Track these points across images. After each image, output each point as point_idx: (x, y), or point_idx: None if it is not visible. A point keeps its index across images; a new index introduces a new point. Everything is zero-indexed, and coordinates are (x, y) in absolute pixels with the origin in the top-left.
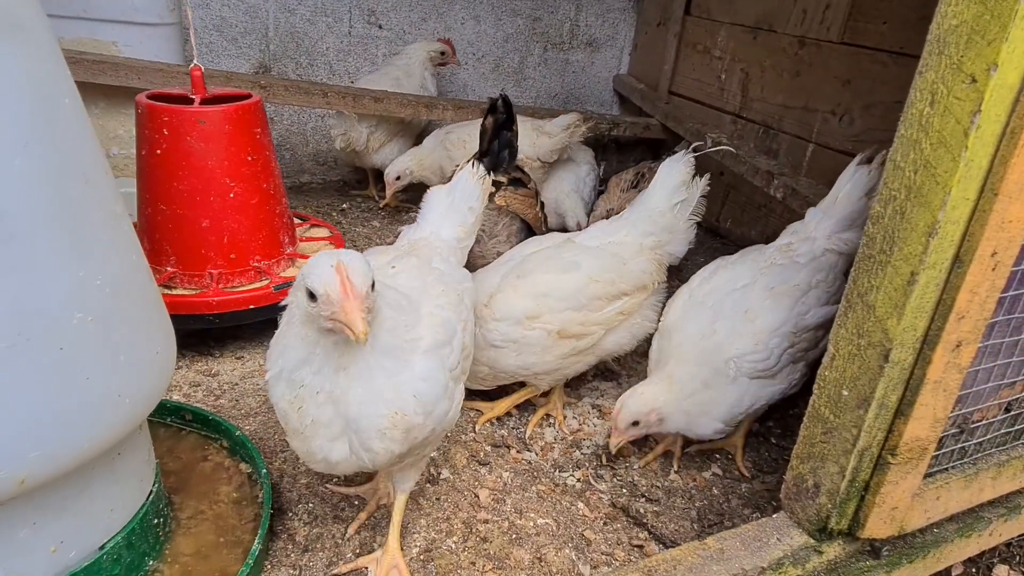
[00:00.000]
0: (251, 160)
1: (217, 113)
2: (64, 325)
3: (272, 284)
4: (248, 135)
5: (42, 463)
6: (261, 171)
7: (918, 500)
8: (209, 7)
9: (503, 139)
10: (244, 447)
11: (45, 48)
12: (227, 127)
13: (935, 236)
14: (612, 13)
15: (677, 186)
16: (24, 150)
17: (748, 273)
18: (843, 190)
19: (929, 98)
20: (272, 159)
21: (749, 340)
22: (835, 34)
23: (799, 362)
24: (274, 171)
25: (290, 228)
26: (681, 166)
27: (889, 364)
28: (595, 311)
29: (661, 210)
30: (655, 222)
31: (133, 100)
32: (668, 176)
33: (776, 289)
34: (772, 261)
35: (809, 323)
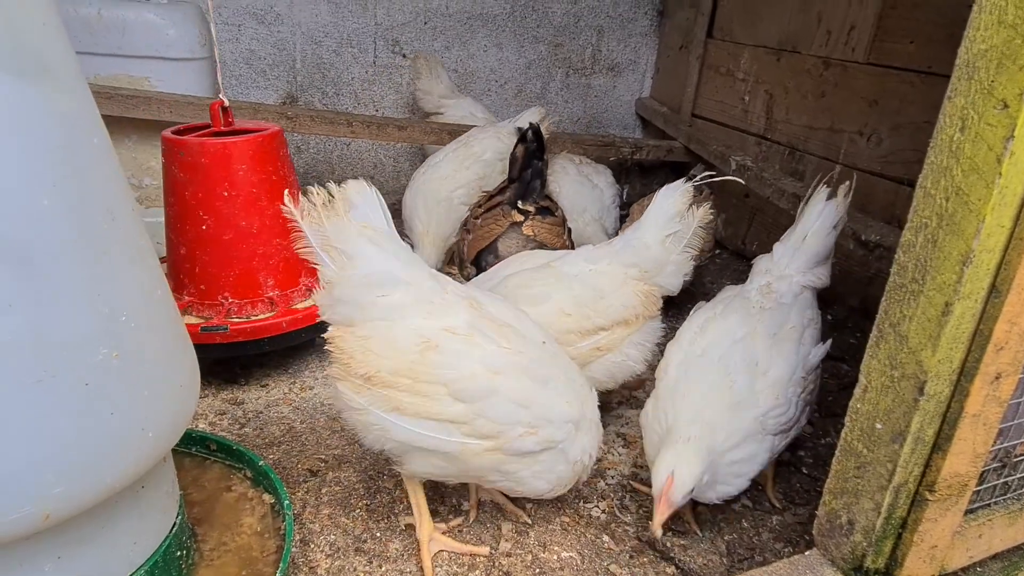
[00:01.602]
0: (227, 195)
1: (194, 145)
2: (90, 360)
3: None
4: (227, 170)
5: (67, 498)
6: (241, 208)
7: (959, 538)
8: (239, 41)
9: (534, 168)
10: (267, 477)
11: (73, 89)
12: (204, 160)
13: (970, 265)
14: (634, 38)
15: (671, 217)
16: (52, 189)
17: (742, 322)
18: (812, 227)
19: (959, 124)
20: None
21: (770, 395)
22: (860, 54)
23: (808, 405)
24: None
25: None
26: (678, 196)
27: (924, 397)
28: (567, 345)
29: (648, 242)
30: (639, 254)
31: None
32: (663, 206)
33: (778, 335)
34: (761, 306)
35: (812, 363)
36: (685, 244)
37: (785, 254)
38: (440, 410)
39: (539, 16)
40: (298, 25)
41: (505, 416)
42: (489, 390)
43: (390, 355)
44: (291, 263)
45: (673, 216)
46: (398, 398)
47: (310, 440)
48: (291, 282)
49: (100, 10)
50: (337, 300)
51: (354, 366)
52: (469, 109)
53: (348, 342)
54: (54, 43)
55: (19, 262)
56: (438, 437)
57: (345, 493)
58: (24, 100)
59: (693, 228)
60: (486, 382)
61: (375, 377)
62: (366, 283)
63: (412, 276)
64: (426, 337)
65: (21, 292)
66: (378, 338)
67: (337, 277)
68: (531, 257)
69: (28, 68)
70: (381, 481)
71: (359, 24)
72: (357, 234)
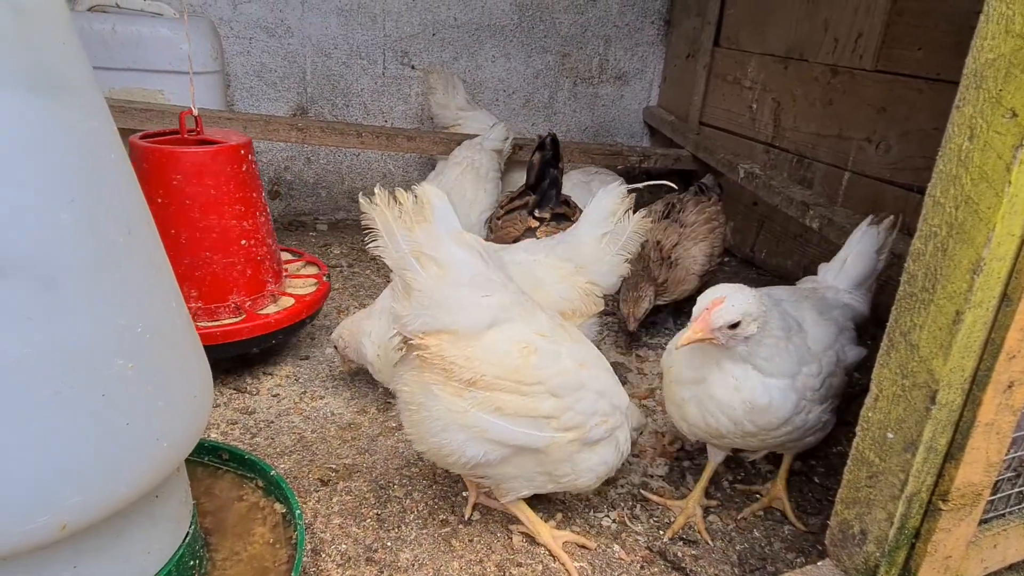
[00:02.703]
0: (159, 203)
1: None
2: (106, 372)
3: None
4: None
5: (83, 508)
6: (172, 215)
7: (974, 548)
8: (250, 54)
9: (550, 176)
10: (279, 487)
11: (91, 105)
12: (144, 165)
13: (980, 273)
14: (641, 47)
15: (605, 216)
16: (70, 205)
17: (791, 292)
18: (853, 251)
19: (968, 132)
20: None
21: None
22: (868, 62)
23: (828, 400)
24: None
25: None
26: (613, 196)
27: (936, 406)
28: None
29: (582, 238)
30: (573, 249)
31: None
32: (598, 205)
33: (824, 314)
34: (807, 294)
35: (848, 360)
36: (620, 246)
37: (829, 273)
38: (536, 406)
39: (546, 26)
40: (308, 38)
41: (589, 406)
42: (579, 383)
43: (494, 360)
44: (218, 278)
45: (607, 216)
46: (501, 399)
47: (321, 450)
48: (219, 297)
49: (115, 26)
50: (434, 305)
51: (457, 372)
52: (486, 121)
53: (448, 349)
54: (72, 61)
55: (37, 276)
56: (532, 433)
57: (356, 502)
58: (43, 117)
59: (628, 232)
60: (576, 376)
61: (480, 381)
62: (471, 284)
63: (500, 277)
64: (525, 342)
65: (39, 306)
66: (481, 344)
67: (433, 283)
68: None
69: (47, 86)
70: (391, 491)
71: (368, 36)
72: (449, 239)
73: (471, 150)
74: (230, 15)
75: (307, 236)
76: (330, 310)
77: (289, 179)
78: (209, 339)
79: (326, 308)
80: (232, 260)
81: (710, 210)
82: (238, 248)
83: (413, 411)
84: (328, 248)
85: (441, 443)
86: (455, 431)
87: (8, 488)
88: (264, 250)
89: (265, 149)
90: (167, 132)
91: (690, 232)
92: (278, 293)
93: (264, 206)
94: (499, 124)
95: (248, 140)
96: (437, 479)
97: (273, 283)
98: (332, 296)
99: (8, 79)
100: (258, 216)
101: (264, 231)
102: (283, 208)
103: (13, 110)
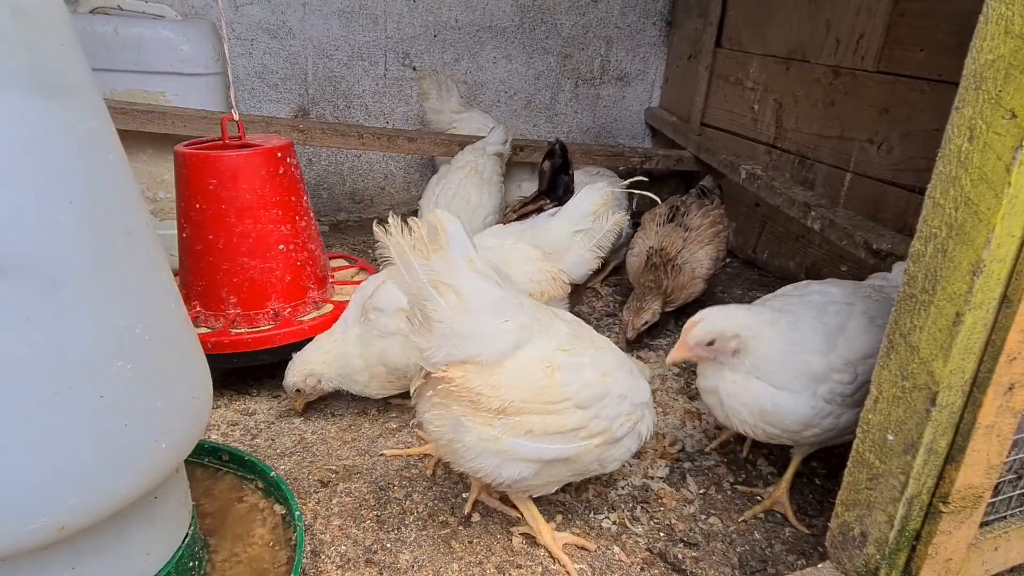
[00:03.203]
0: (199, 208)
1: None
2: (105, 373)
3: None
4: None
5: (82, 509)
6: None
7: (975, 551)
8: (252, 55)
9: (563, 184)
10: (278, 488)
11: (91, 107)
12: (183, 171)
13: (980, 275)
14: (642, 48)
15: (586, 215)
16: (70, 206)
17: (845, 293)
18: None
19: (968, 133)
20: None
21: (840, 358)
22: (870, 63)
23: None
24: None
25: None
26: (597, 197)
27: (936, 408)
28: None
29: (551, 227)
30: (541, 235)
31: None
32: (581, 204)
33: (875, 320)
34: (867, 295)
35: None
36: (595, 243)
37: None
38: (565, 422)
39: (548, 28)
40: (310, 39)
41: (613, 411)
42: (604, 392)
43: (520, 384)
44: (256, 284)
45: (588, 215)
46: (531, 422)
47: (321, 451)
48: (257, 304)
49: (117, 28)
50: (455, 335)
51: (485, 402)
52: (482, 121)
53: (474, 380)
54: (72, 63)
55: (37, 278)
56: (563, 447)
57: (355, 504)
58: (43, 119)
59: (605, 231)
60: (600, 386)
61: (509, 408)
62: (491, 311)
63: (515, 297)
64: (547, 360)
65: (39, 307)
66: (505, 370)
67: (453, 312)
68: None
69: (47, 87)
70: (391, 492)
71: (370, 38)
72: (466, 267)
73: (474, 154)
74: (232, 17)
75: None
76: None
77: None
78: (239, 346)
79: None
80: (270, 265)
81: (714, 213)
82: (276, 253)
83: (444, 443)
84: (329, 249)
85: (477, 468)
86: (488, 456)
87: (7, 489)
88: (305, 255)
89: None
90: (214, 140)
91: (695, 236)
92: (321, 300)
93: (306, 210)
94: (498, 127)
95: (287, 143)
96: (437, 481)
97: (316, 289)
98: None
99: (8, 80)
100: (297, 220)
101: (305, 236)
102: None
103: (13, 111)
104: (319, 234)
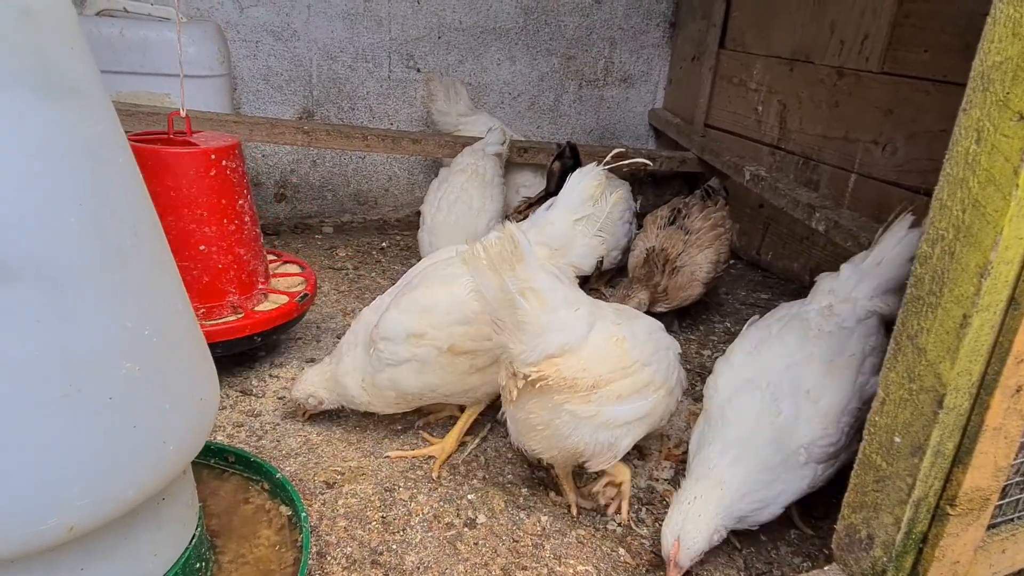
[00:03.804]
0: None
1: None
2: (113, 374)
3: None
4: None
5: (90, 510)
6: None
7: (982, 553)
8: (256, 57)
9: None
10: (284, 489)
11: (99, 107)
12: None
13: (987, 277)
14: (646, 49)
15: (583, 201)
16: (79, 208)
17: (798, 346)
18: (889, 253)
19: (975, 135)
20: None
21: (818, 424)
22: (875, 64)
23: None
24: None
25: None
26: (589, 179)
27: (944, 410)
28: (485, 325)
29: (552, 221)
30: (544, 231)
31: None
32: (574, 189)
33: (835, 362)
34: (820, 329)
35: (871, 393)
36: (599, 228)
37: (853, 276)
38: (640, 379)
39: (552, 29)
40: (314, 41)
41: (666, 361)
42: (656, 346)
43: (603, 359)
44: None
45: (585, 199)
46: (619, 388)
47: (326, 452)
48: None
49: (122, 30)
50: (544, 332)
51: (580, 384)
52: (487, 124)
53: (565, 368)
54: (80, 65)
55: (46, 280)
56: (643, 403)
57: (361, 505)
58: (52, 121)
59: (605, 214)
60: (653, 343)
61: (599, 382)
62: (565, 304)
63: (575, 289)
64: (613, 334)
65: (48, 309)
66: (588, 351)
67: (537, 313)
68: (451, 249)
69: (55, 89)
70: (397, 493)
71: (374, 39)
72: (541, 269)
73: (474, 156)
74: (237, 19)
75: (313, 239)
76: (335, 312)
77: (295, 182)
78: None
79: (331, 310)
80: (187, 265)
81: (716, 216)
82: (195, 253)
83: (542, 430)
84: (334, 251)
85: (574, 445)
86: (586, 431)
87: (17, 490)
88: (229, 259)
89: (271, 152)
90: (160, 133)
91: (695, 239)
92: (240, 305)
93: (239, 214)
94: (495, 128)
95: (227, 146)
96: (442, 482)
97: (236, 294)
98: (337, 299)
99: (15, 81)
100: (226, 223)
101: (232, 239)
102: (289, 211)
103: (21, 112)
104: (254, 238)
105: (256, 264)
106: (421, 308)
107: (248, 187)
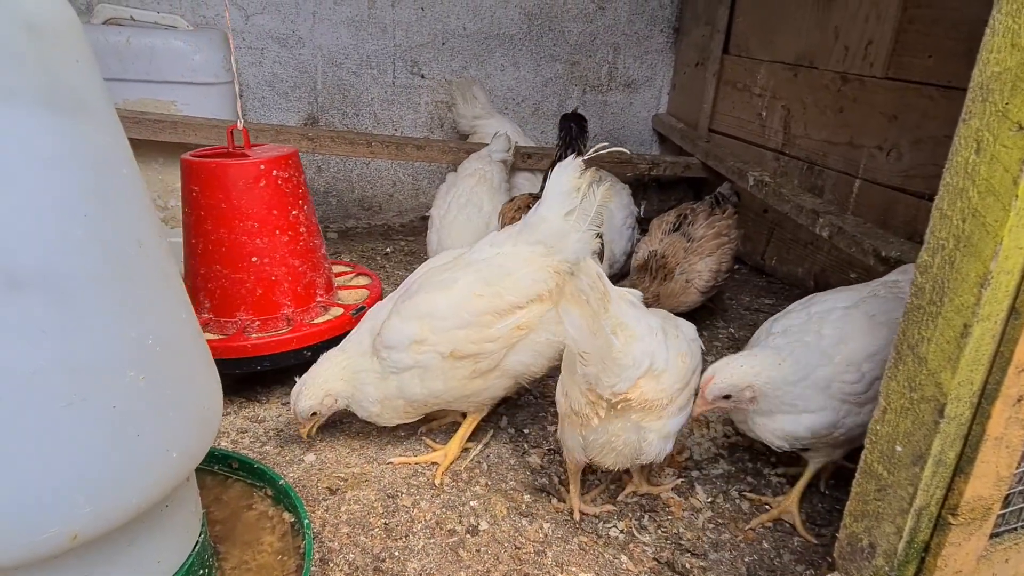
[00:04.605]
0: (186, 212)
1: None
2: (118, 384)
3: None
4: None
5: (94, 519)
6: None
7: (984, 563)
8: (262, 64)
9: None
10: (288, 496)
11: (105, 121)
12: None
13: (988, 287)
14: (650, 55)
15: (567, 193)
16: (84, 219)
17: (848, 298)
18: None
19: (975, 146)
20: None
21: (842, 362)
22: (879, 69)
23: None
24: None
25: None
26: (569, 171)
27: (945, 419)
28: (486, 327)
29: (544, 217)
30: (538, 229)
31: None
32: (556, 183)
33: (876, 317)
34: (875, 294)
35: None
36: (590, 221)
37: None
38: (692, 387)
39: (555, 35)
40: (319, 48)
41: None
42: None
43: (675, 376)
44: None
45: (568, 191)
46: (681, 400)
47: (330, 458)
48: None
49: (129, 38)
50: (633, 364)
51: (657, 403)
52: (497, 127)
53: (648, 390)
54: (87, 79)
55: (52, 290)
56: (689, 407)
57: (364, 511)
58: (59, 135)
59: (596, 205)
60: (685, 341)
61: (674, 397)
62: (649, 331)
63: (644, 311)
64: (678, 349)
65: (53, 319)
66: (668, 371)
67: (625, 345)
68: (444, 255)
69: (62, 103)
70: (399, 500)
71: (378, 46)
72: (622, 300)
73: (481, 161)
74: (242, 26)
75: None
76: None
77: None
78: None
79: None
80: (240, 276)
81: (720, 224)
82: (248, 265)
83: (621, 448)
84: (338, 256)
85: (645, 457)
86: (655, 443)
87: (21, 498)
88: (283, 270)
89: None
90: (221, 148)
91: (697, 246)
92: (295, 317)
93: (292, 224)
94: (500, 135)
95: (278, 157)
96: (444, 488)
97: (291, 307)
98: None
99: (24, 96)
100: (278, 234)
101: (285, 250)
102: None
103: (29, 126)
104: (312, 249)
105: (314, 276)
106: (421, 314)
107: (305, 197)
